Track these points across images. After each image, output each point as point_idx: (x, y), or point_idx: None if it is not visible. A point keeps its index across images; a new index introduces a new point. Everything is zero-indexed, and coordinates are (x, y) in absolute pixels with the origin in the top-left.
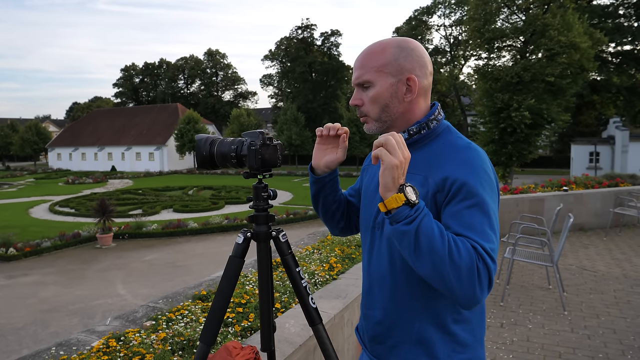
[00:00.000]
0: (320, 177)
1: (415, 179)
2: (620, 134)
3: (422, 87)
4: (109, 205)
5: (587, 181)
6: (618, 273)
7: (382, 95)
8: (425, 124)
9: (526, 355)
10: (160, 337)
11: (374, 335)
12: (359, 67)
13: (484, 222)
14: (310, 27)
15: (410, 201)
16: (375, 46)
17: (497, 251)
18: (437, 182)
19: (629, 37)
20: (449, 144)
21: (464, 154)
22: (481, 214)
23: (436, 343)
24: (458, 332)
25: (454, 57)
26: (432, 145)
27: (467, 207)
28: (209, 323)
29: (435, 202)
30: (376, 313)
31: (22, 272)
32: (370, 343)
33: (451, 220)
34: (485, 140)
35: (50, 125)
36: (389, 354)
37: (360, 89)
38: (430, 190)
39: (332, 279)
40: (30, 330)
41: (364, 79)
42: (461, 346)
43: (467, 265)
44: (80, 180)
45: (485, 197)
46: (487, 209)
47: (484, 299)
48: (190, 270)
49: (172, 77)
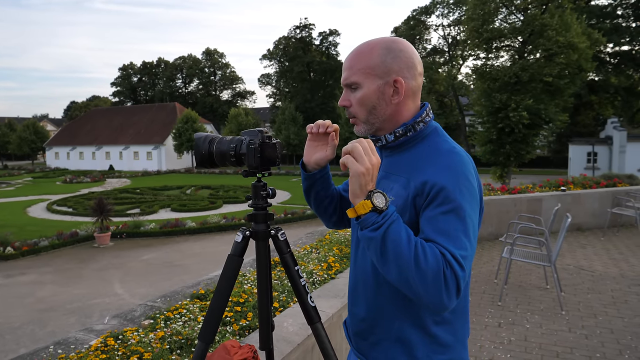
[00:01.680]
0: (311, 173)
1: (399, 181)
2: (618, 134)
3: (410, 88)
4: (107, 204)
5: (584, 181)
6: (615, 273)
7: (370, 97)
8: (412, 126)
9: (524, 354)
10: (159, 336)
11: (358, 331)
12: (347, 67)
13: (459, 229)
14: (309, 27)
15: (377, 208)
16: (364, 47)
17: (470, 258)
18: (417, 186)
19: (627, 37)
20: (434, 147)
21: (446, 158)
22: (457, 220)
23: (416, 343)
24: (439, 334)
25: (452, 57)
26: (418, 148)
27: (443, 212)
28: (207, 321)
29: (415, 205)
30: (360, 310)
31: (20, 271)
32: (354, 338)
33: (426, 225)
34: (483, 140)
35: (48, 124)
36: (371, 350)
37: (348, 89)
38: (411, 193)
39: (330, 278)
40: (28, 330)
41: (351, 80)
42: (442, 347)
43: (434, 272)
44: (78, 179)
45: (463, 203)
46: (464, 215)
47: (452, 306)
48: (188, 270)
49: (170, 77)
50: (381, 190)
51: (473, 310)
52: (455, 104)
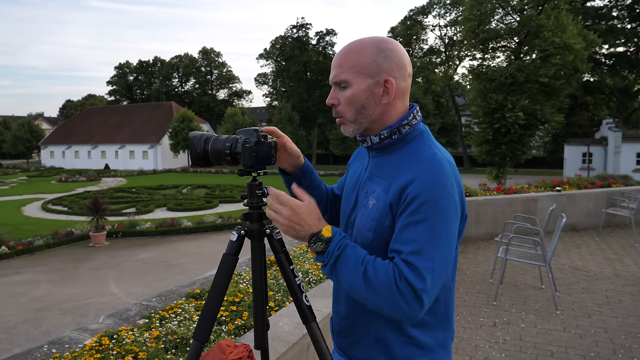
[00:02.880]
0: (291, 175)
1: (381, 184)
2: (613, 135)
3: (400, 89)
4: (102, 203)
5: (580, 182)
6: (610, 273)
7: (359, 97)
8: (397, 129)
9: (519, 354)
10: (154, 335)
11: (339, 328)
12: (336, 65)
13: (427, 239)
14: (305, 26)
15: (316, 252)
16: (354, 45)
17: (438, 269)
18: (395, 192)
19: (622, 38)
20: (416, 152)
21: (425, 165)
22: (427, 231)
23: (395, 345)
24: (417, 336)
25: (448, 57)
26: (402, 151)
27: (415, 222)
28: (202, 320)
29: (392, 212)
30: (341, 308)
31: (14, 270)
32: (336, 336)
33: (397, 233)
34: (479, 141)
35: (43, 123)
36: (351, 347)
37: (337, 88)
38: (389, 199)
39: (325, 277)
40: (22, 329)
41: (340, 78)
42: (421, 349)
43: (385, 287)
44: (74, 178)
45: (436, 214)
46: (435, 225)
47: (419, 314)
48: (184, 269)
49: (167, 75)
50: (361, 200)
51: (468, 310)
52: (451, 104)
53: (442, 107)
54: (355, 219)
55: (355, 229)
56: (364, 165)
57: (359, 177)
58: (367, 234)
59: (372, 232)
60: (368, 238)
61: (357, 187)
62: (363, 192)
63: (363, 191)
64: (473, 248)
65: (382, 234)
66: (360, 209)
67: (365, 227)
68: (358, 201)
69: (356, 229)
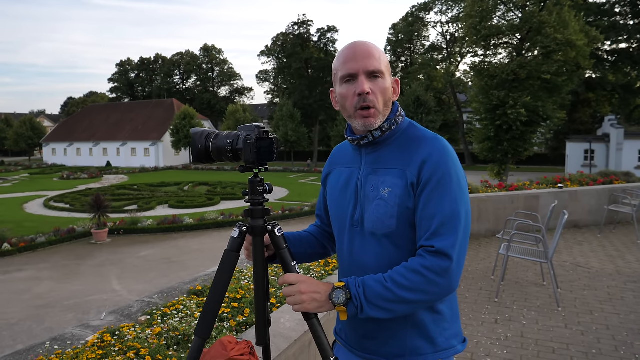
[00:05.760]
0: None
1: (392, 173)
2: (615, 132)
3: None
4: (104, 200)
5: (582, 178)
6: (612, 270)
7: (388, 90)
8: (394, 120)
9: (520, 350)
10: (155, 332)
11: (365, 332)
12: (367, 56)
13: (448, 212)
14: (307, 23)
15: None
16: (371, 44)
17: (457, 244)
18: (414, 173)
19: (624, 35)
20: (419, 135)
21: (433, 145)
22: (448, 202)
23: (429, 324)
24: (443, 309)
25: (450, 54)
26: (400, 140)
27: (435, 197)
28: (204, 317)
29: (414, 191)
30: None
31: (17, 267)
32: (363, 340)
33: (420, 210)
34: (481, 138)
35: (45, 120)
36: (384, 345)
37: (368, 77)
38: (409, 181)
39: (327, 274)
40: (25, 326)
41: (378, 67)
42: (447, 322)
43: (421, 281)
44: (75, 175)
45: (453, 185)
46: (454, 196)
47: (454, 281)
48: (186, 266)
49: (168, 73)
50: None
51: (470, 307)
52: (453, 101)
53: (444, 104)
54: (364, 215)
55: (373, 222)
56: (357, 165)
57: (351, 178)
58: (389, 222)
59: (395, 219)
60: (392, 226)
61: (354, 187)
62: (367, 187)
63: (367, 186)
64: (475, 245)
65: (407, 217)
66: (371, 202)
67: (386, 214)
68: (363, 197)
69: (374, 221)
